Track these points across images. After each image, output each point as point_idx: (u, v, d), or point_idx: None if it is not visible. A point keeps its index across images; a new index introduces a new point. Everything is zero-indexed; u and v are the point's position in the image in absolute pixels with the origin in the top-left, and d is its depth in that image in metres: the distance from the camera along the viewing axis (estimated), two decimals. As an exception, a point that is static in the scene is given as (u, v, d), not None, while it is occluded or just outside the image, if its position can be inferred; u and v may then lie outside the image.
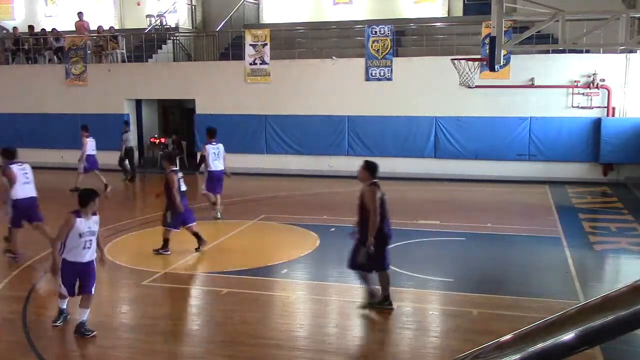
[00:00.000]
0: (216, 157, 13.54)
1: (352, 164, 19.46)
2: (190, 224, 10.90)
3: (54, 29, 23.91)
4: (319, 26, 22.38)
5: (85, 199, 7.27)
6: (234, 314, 8.13)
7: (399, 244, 11.50)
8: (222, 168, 13.61)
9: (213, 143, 13.61)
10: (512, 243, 11.86)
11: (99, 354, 7.10)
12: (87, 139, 17.14)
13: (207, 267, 10.58)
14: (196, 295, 9.33)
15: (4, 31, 24.89)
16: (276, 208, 14.95)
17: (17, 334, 7.55)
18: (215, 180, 13.55)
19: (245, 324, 7.75)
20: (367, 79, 19.06)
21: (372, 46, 18.99)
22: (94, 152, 17.21)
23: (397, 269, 9.28)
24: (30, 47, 23.57)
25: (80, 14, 23.83)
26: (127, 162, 19.14)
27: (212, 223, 13.43)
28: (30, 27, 24.78)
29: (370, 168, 7.90)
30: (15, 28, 24.86)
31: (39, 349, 7.11)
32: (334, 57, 19.64)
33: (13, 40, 23.85)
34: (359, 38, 20.20)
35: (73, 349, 7.33)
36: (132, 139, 19.31)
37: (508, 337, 1.57)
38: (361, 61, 19.12)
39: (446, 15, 22.98)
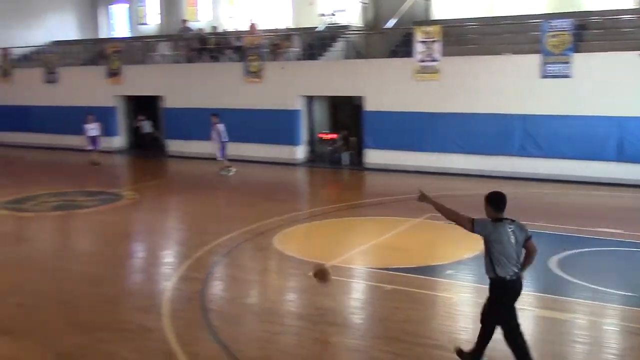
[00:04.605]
0: None
1: (521, 165, 18.74)
2: None
3: (236, 29, 25.54)
4: (492, 21, 21.61)
5: None
6: (397, 311, 8.14)
7: (573, 252, 10.84)
8: None
9: None
10: None
11: (266, 338, 7.46)
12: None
13: (371, 262, 10.69)
14: (360, 289, 9.45)
15: (189, 32, 26.99)
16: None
17: (195, 312, 8.19)
18: None
19: (408, 322, 7.73)
20: (543, 75, 18.07)
21: (548, 42, 17.96)
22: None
23: (571, 278, 8.73)
24: (213, 46, 25.36)
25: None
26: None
27: (378, 220, 13.56)
28: (214, 28, 26.62)
29: None
30: (200, 29, 26.89)
31: (213, 328, 7.64)
32: (508, 53, 18.85)
33: (199, 40, 25.81)
34: (533, 33, 19.19)
35: (245, 332, 7.77)
36: None
37: None
38: (535, 57, 18.15)
39: (637, 7, 21.07)
